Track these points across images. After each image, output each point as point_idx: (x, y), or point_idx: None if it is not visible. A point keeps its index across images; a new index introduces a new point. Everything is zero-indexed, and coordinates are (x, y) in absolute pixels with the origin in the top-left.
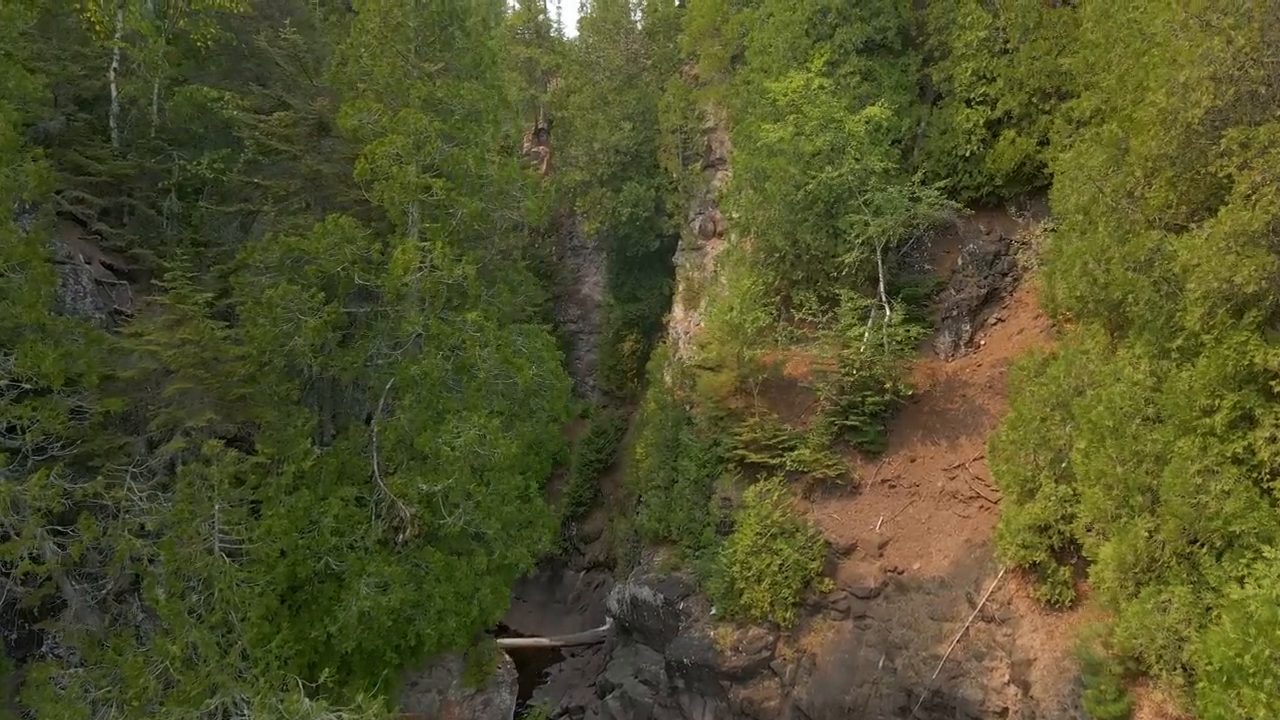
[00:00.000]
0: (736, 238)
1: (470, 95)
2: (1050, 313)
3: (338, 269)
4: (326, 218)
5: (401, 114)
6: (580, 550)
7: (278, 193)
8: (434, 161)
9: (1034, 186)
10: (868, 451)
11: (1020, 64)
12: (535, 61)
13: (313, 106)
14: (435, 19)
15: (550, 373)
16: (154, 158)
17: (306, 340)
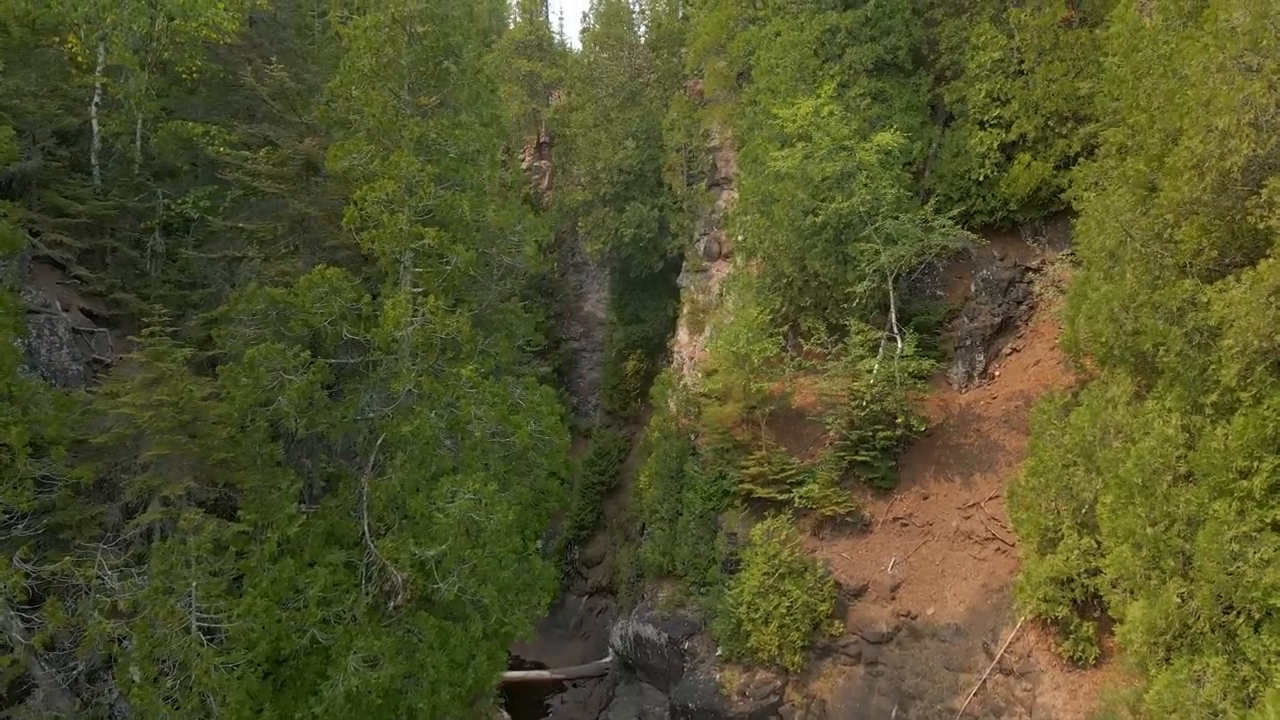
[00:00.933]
0: (743, 261)
1: (465, 136)
2: (1073, 357)
3: (325, 323)
4: (313, 269)
5: (393, 157)
6: (583, 575)
7: (264, 236)
8: (428, 206)
9: (1050, 212)
10: (878, 488)
11: (1036, 86)
12: (537, 75)
13: (301, 146)
14: (429, 54)
15: (549, 428)
16: (137, 195)
17: (291, 401)
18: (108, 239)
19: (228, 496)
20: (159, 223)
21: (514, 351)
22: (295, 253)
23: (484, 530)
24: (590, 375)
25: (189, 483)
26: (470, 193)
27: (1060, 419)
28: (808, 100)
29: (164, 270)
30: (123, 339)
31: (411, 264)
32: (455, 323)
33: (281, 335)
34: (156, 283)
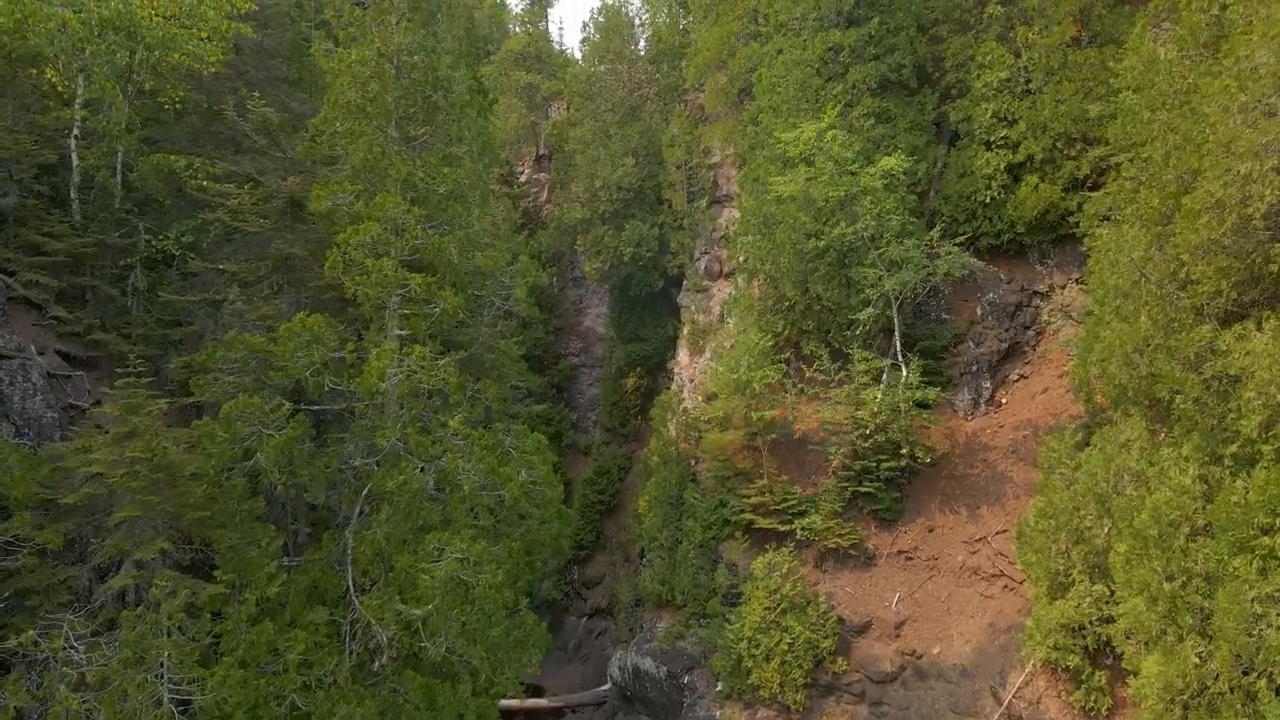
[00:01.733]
0: (744, 283)
1: (454, 174)
2: (1085, 398)
3: (305, 373)
4: (295, 317)
5: (378, 199)
6: (582, 596)
7: (246, 277)
8: (414, 248)
9: (1058, 235)
10: (883, 519)
11: (1044, 107)
12: (536, 87)
13: (284, 184)
14: (416, 87)
15: (542, 478)
16: (118, 230)
17: (269, 459)
18: (87, 277)
19: (205, 554)
20: (141, 258)
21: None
22: (279, 293)
23: (473, 590)
24: (590, 391)
25: (163, 544)
26: (459, 234)
27: (1070, 458)
28: (810, 123)
29: (146, 307)
30: (102, 380)
31: (397, 309)
32: (442, 372)
33: (262, 384)
34: (138, 321)
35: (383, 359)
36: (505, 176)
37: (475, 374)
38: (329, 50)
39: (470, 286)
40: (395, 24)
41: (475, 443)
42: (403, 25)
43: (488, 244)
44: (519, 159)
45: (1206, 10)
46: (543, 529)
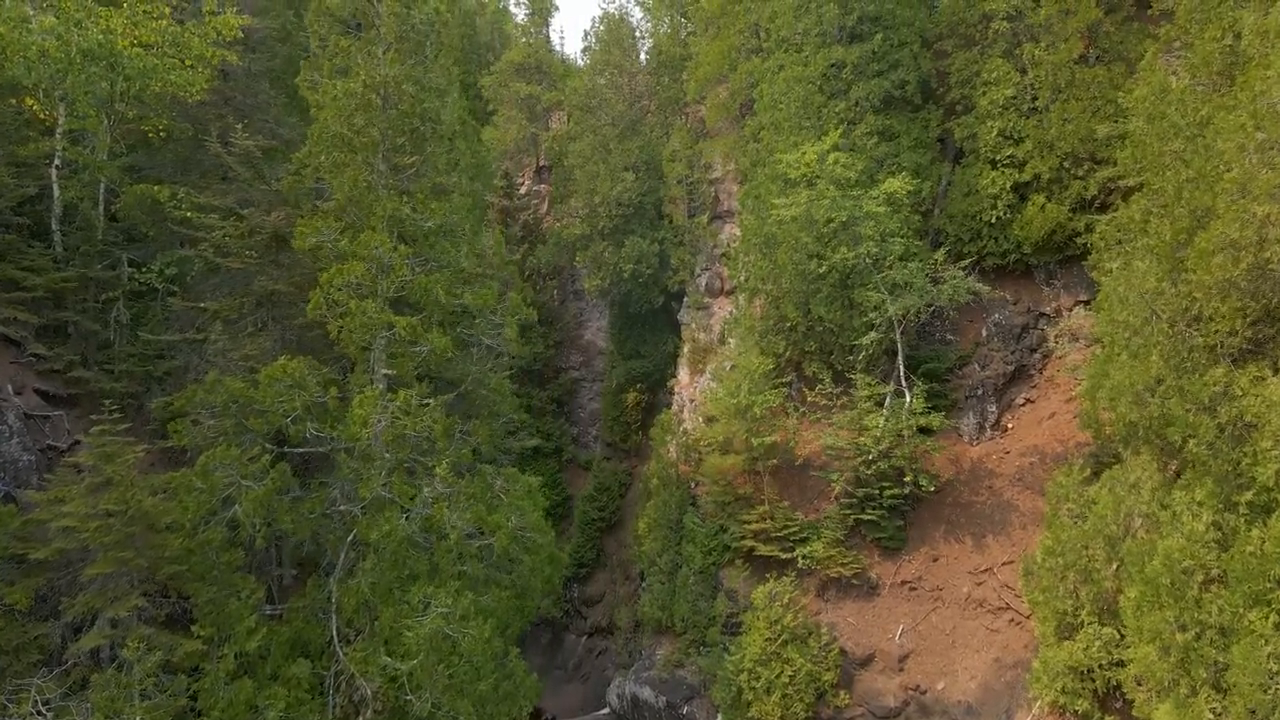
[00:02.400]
0: (745, 302)
1: (443, 209)
2: (1094, 433)
3: (286, 420)
4: (275, 362)
5: (363, 237)
6: (582, 614)
7: (228, 315)
8: (400, 288)
9: (1065, 256)
10: (886, 547)
11: (1051, 126)
12: (536, 98)
13: (268, 219)
14: (404, 119)
15: (533, 524)
16: (101, 262)
17: (248, 512)
18: (68, 311)
19: (183, 606)
20: (124, 292)
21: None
22: (264, 329)
23: (459, 644)
24: (590, 405)
25: (137, 601)
26: (446, 273)
27: (1079, 494)
28: (812, 144)
29: (130, 341)
30: (83, 418)
31: (383, 350)
32: (428, 417)
33: (244, 428)
34: (120, 356)
35: (365, 406)
36: (505, 189)
37: (466, 411)
38: (314, 81)
39: (459, 325)
40: (382, 54)
41: (463, 491)
42: (390, 56)
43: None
44: (519, 170)
45: (1220, 40)
46: (534, 575)
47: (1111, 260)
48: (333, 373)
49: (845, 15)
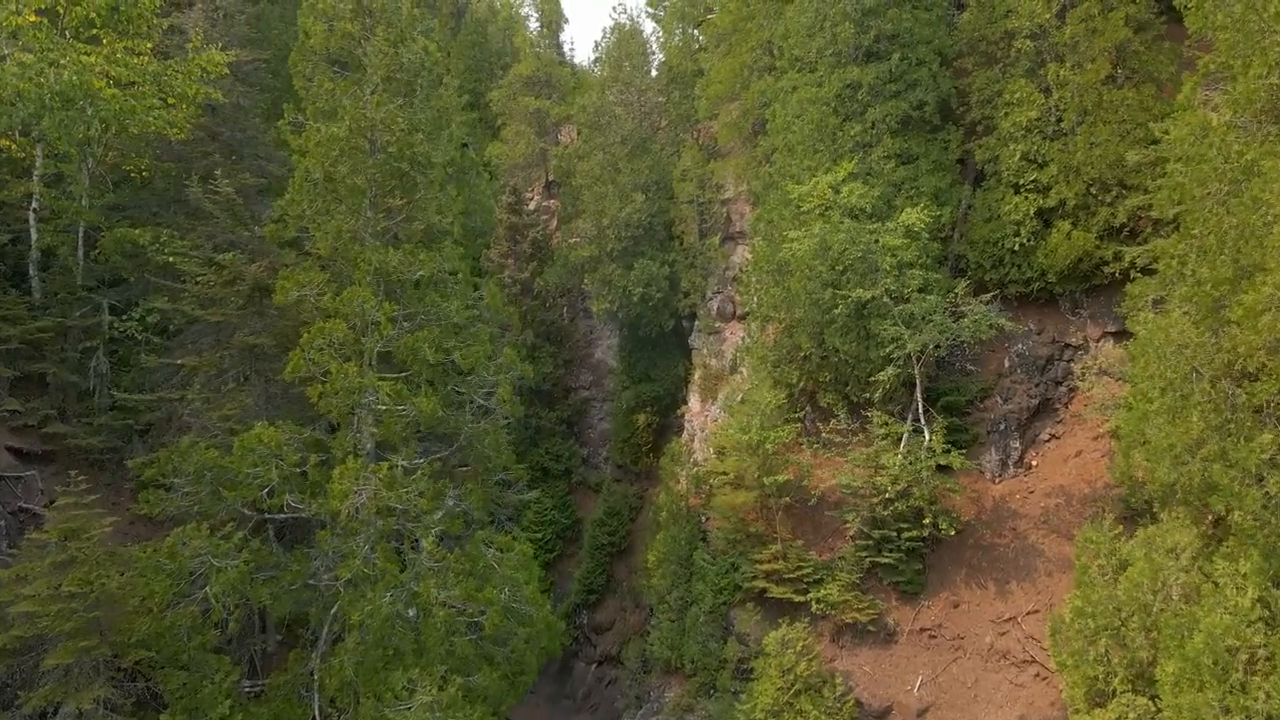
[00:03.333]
0: (757, 330)
1: (433, 262)
2: (1128, 491)
3: (262, 492)
4: (253, 428)
5: (346, 293)
6: (592, 642)
7: (207, 370)
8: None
9: (1091, 285)
10: (904, 591)
11: (1077, 150)
12: (545, 112)
13: (248, 270)
14: (393, 163)
15: (528, 598)
16: (80, 309)
17: (218, 595)
18: (46, 362)
19: (153, 690)
20: (104, 340)
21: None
22: (246, 383)
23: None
24: (600, 426)
25: (102, 690)
26: (435, 329)
27: (1111, 551)
28: (826, 175)
29: (110, 392)
30: (59, 475)
31: (368, 413)
32: (415, 486)
33: (219, 497)
34: (98, 409)
35: (346, 479)
36: (513, 205)
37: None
38: (296, 124)
39: (450, 382)
40: (370, 95)
41: (451, 566)
42: (376, 98)
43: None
44: (528, 185)
45: (1265, 78)
46: (528, 650)
47: (1146, 308)
48: (318, 431)
49: (861, 34)
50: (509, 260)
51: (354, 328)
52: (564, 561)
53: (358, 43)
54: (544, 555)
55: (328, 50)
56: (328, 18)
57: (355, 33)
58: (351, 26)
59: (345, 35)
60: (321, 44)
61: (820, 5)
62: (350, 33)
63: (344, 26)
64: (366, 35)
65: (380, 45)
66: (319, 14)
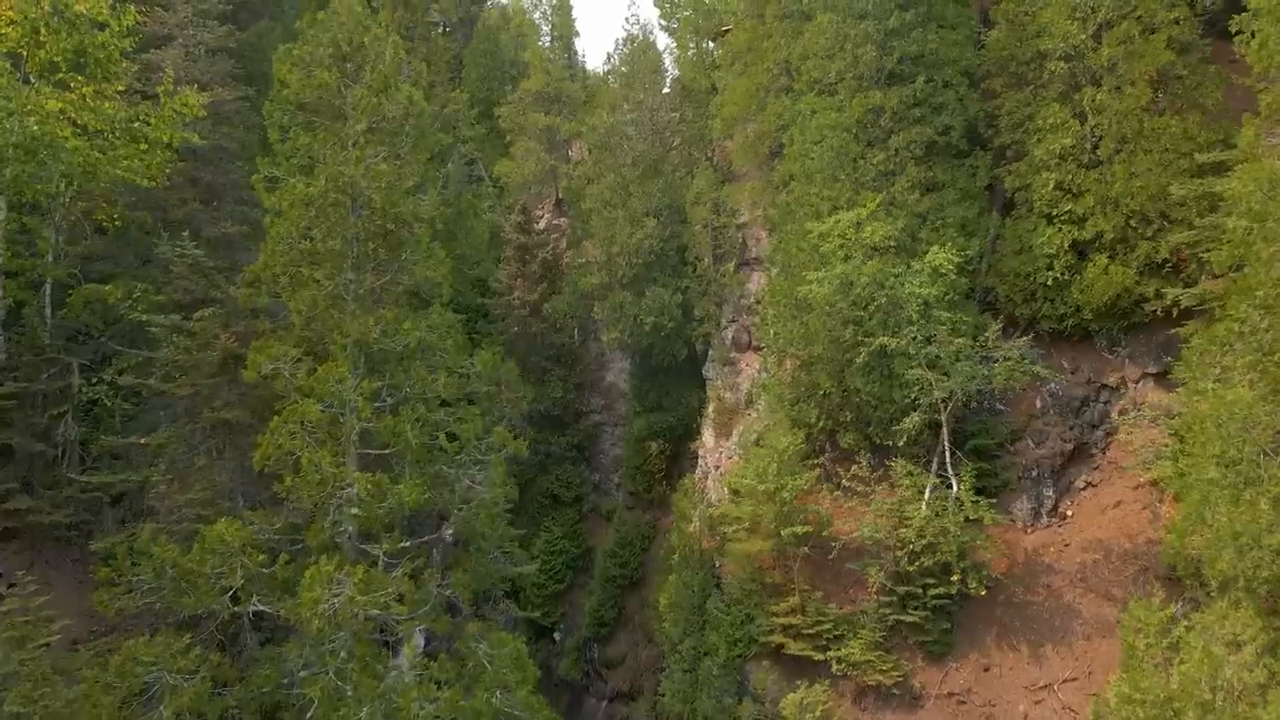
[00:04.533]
0: (774, 365)
1: (417, 332)
2: (1183, 574)
3: (224, 597)
4: (213, 527)
5: (322, 370)
6: (603, 677)
7: (175, 448)
8: (365, 430)
9: (1130, 322)
10: (930, 651)
11: (1115, 180)
12: (555, 129)
13: (218, 341)
14: (376, 223)
15: (523, 703)
16: (48, 370)
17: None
18: (11, 430)
19: None
20: (74, 405)
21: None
22: (220, 457)
23: None
24: (613, 451)
25: None
26: (420, 407)
27: (1160, 633)
28: (847, 212)
29: (81, 459)
30: (23, 553)
31: (345, 505)
32: (395, 587)
33: (183, 593)
34: (64, 480)
35: (316, 587)
36: (522, 224)
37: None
38: (271, 180)
39: (437, 461)
40: (351, 149)
41: (433, 675)
42: (357, 153)
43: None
44: (538, 202)
45: None
46: None
47: (1206, 377)
48: (296, 514)
49: (884, 56)
50: (518, 281)
51: (330, 409)
52: (574, 592)
53: (337, 92)
54: (554, 586)
55: (304, 100)
56: (305, 65)
57: (333, 83)
58: (329, 76)
59: (323, 85)
60: (298, 93)
61: (840, 26)
62: (328, 83)
63: (322, 76)
64: (347, 83)
65: (362, 95)
66: (295, 61)
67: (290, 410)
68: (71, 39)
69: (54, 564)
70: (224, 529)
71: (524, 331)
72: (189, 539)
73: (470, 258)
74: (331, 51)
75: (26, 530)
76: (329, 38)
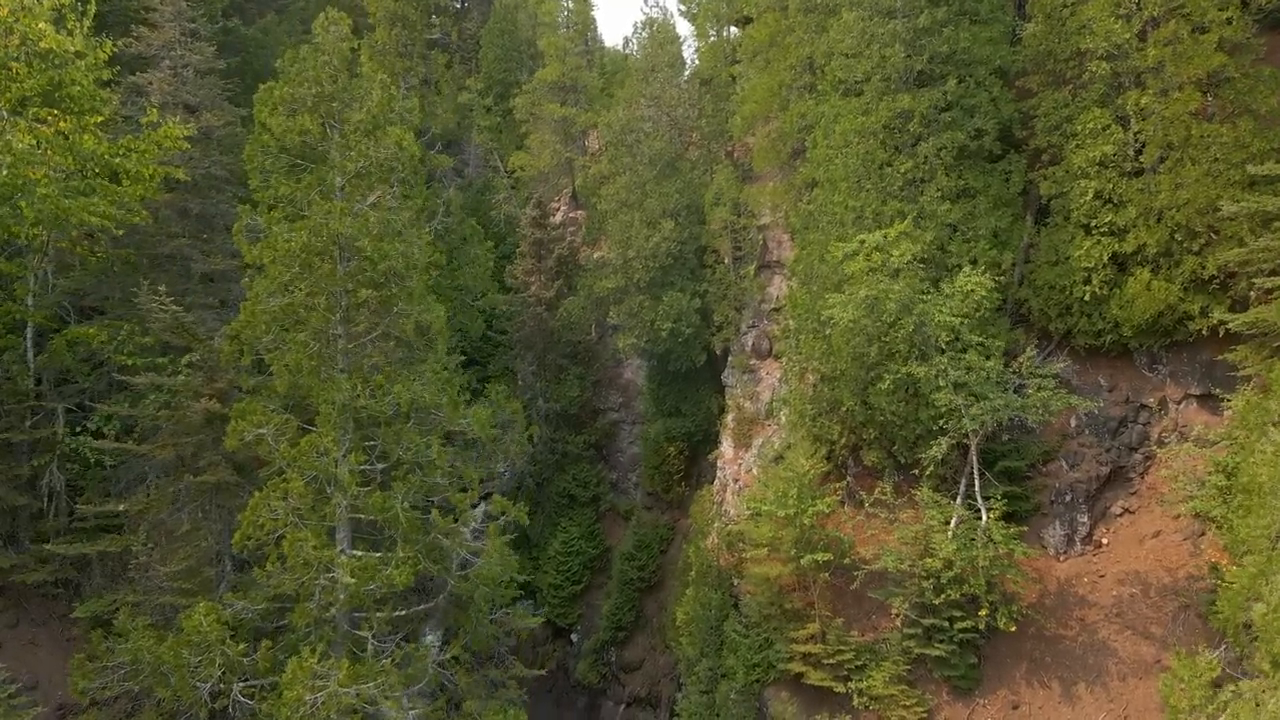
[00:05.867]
0: (795, 379)
1: (408, 394)
2: (1233, 641)
3: (204, 692)
4: (190, 616)
5: (305, 441)
6: (620, 680)
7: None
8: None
9: (1172, 340)
10: (956, 687)
11: (1160, 191)
12: (571, 120)
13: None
14: (365, 277)
15: None
16: (32, 418)
17: None
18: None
19: None
20: (58, 454)
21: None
22: (206, 518)
23: None
24: (630, 449)
25: None
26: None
27: (1206, 699)
28: (871, 234)
29: (70, 507)
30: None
31: (331, 587)
32: (387, 677)
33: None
34: (50, 532)
35: (297, 684)
36: (537, 218)
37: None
38: (253, 231)
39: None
40: (339, 192)
41: None
42: (341, 206)
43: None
44: (554, 195)
45: None
46: None
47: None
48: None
49: (913, 57)
50: (533, 277)
51: (314, 482)
52: (591, 593)
53: (322, 136)
54: (571, 587)
55: (287, 144)
56: (287, 106)
57: (316, 128)
58: (311, 121)
59: (305, 130)
60: (280, 138)
61: (867, 24)
62: (310, 128)
63: (303, 121)
64: (333, 125)
65: (350, 139)
66: (276, 103)
67: (272, 485)
68: (44, 75)
69: (40, 621)
70: (202, 618)
71: (540, 328)
72: (172, 613)
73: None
74: (315, 92)
75: (11, 587)
76: (311, 76)
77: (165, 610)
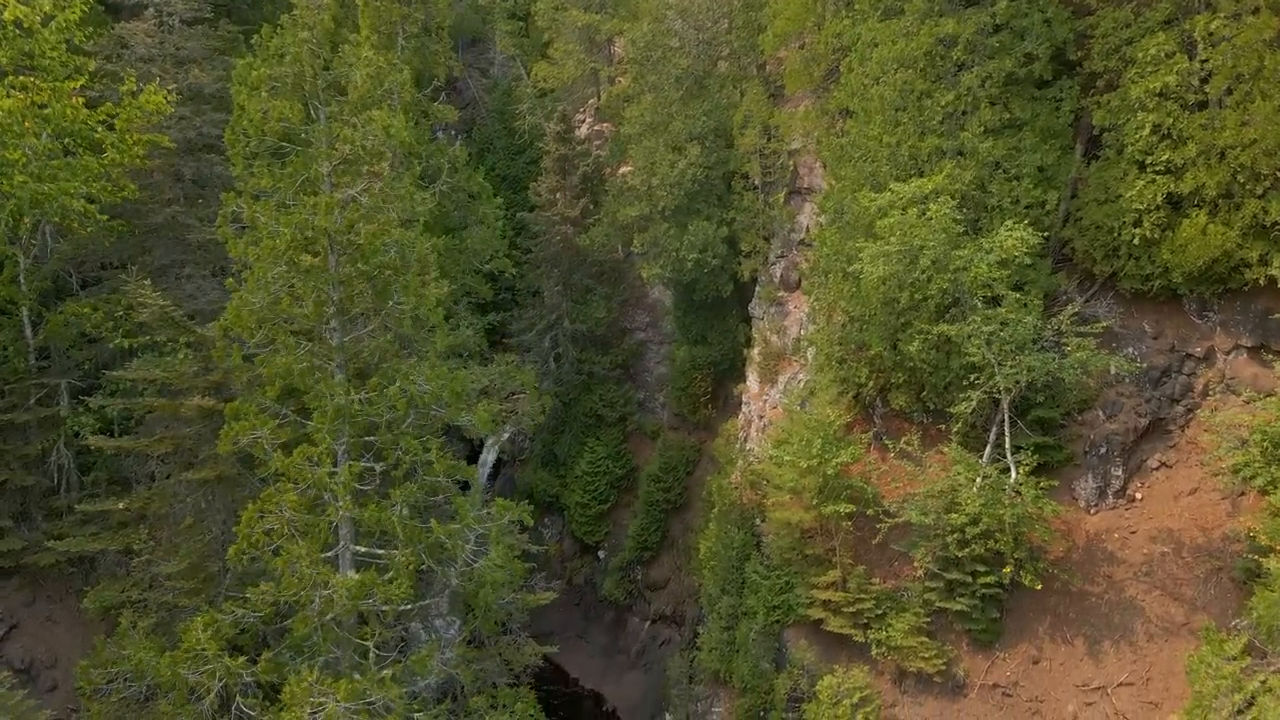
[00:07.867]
0: (822, 318)
1: (406, 399)
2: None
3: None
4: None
5: (298, 452)
6: (646, 598)
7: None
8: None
9: (1226, 287)
10: (976, 639)
11: (1225, 127)
12: (596, 27)
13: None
14: (359, 270)
15: None
16: (35, 396)
17: None
18: None
19: None
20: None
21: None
22: (210, 510)
23: None
24: (658, 369)
25: None
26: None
27: (1233, 687)
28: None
29: (80, 483)
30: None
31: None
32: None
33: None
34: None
35: (295, 704)
36: (562, 133)
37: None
38: (238, 227)
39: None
40: (328, 174)
41: None
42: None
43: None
44: (579, 107)
45: None
46: None
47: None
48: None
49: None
50: (558, 195)
51: (309, 493)
52: (618, 511)
53: (305, 120)
54: (598, 506)
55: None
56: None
57: (296, 116)
58: (291, 109)
59: (285, 116)
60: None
61: None
62: (289, 116)
63: (282, 107)
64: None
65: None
66: (255, 84)
67: (267, 496)
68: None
69: (56, 598)
70: (199, 633)
71: (566, 246)
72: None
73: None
74: (295, 72)
75: (21, 570)
76: (291, 55)
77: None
